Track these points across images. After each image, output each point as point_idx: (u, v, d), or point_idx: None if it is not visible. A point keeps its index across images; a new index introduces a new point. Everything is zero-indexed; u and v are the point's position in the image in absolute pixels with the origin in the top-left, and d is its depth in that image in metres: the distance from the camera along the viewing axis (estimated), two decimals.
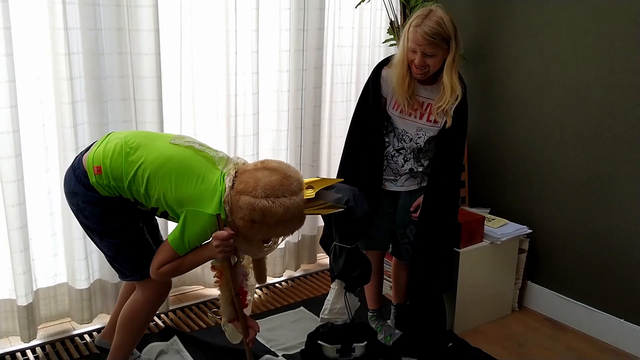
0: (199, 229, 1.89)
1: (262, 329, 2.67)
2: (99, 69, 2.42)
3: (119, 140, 1.97)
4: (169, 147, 1.97)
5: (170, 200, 1.90)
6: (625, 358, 2.60)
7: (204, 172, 1.92)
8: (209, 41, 2.75)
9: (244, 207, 1.82)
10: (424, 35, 2.19)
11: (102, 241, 2.04)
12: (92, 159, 1.95)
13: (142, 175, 1.91)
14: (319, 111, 3.17)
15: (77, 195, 1.97)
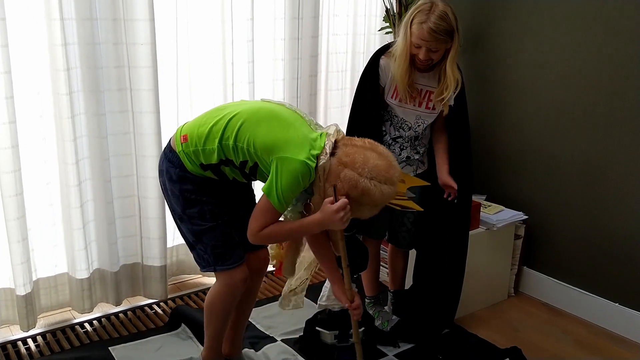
0: (291, 176, 1.79)
1: (260, 316, 2.72)
2: (95, 59, 2.42)
3: (208, 111, 1.98)
4: (260, 101, 1.98)
5: (259, 147, 1.82)
6: (620, 342, 2.63)
7: (295, 122, 1.88)
8: (204, 30, 2.75)
9: (345, 180, 1.78)
10: (430, 32, 2.17)
11: (181, 226, 2.02)
12: (180, 130, 1.96)
13: (234, 125, 1.85)
14: (314, 99, 3.18)
15: (162, 173, 1.98)
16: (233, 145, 1.86)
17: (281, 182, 1.80)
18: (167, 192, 1.99)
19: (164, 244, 2.74)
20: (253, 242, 1.89)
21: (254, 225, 1.87)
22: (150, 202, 2.67)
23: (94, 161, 2.52)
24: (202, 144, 1.89)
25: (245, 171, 1.92)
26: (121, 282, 2.73)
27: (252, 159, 1.87)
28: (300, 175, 1.80)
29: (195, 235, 2.00)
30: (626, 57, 2.52)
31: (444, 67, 2.30)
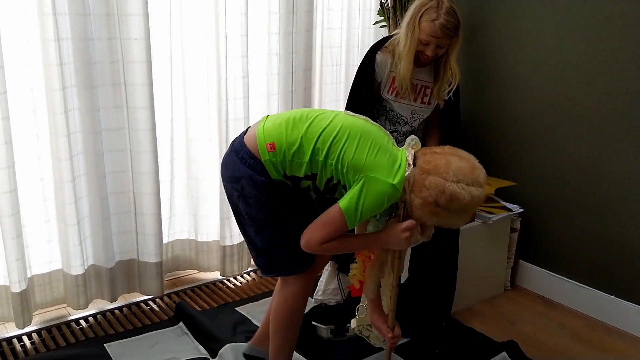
0: (377, 198, 1.75)
1: (256, 311, 2.72)
2: (88, 55, 2.41)
3: (287, 116, 1.88)
4: (347, 116, 1.90)
5: (350, 165, 1.77)
6: (616, 334, 2.64)
7: (383, 141, 1.84)
8: (198, 25, 2.73)
9: (431, 187, 1.72)
10: (442, 29, 2.19)
11: (258, 233, 1.93)
12: (263, 135, 1.84)
13: (326, 140, 1.80)
14: (309, 94, 3.16)
15: (241, 179, 1.87)
16: (322, 161, 1.81)
17: (364, 201, 1.75)
18: (245, 198, 1.89)
19: (160, 240, 2.73)
20: (308, 251, 1.84)
21: (317, 235, 1.80)
22: (145, 198, 2.66)
23: (88, 157, 2.51)
24: (292, 155, 1.82)
25: (321, 188, 1.88)
26: (117, 278, 2.72)
27: (337, 176, 1.82)
28: (386, 197, 1.76)
29: (275, 240, 1.94)
30: (620, 51, 2.52)
31: (445, 61, 2.32)
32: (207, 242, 3.02)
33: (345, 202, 1.76)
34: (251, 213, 1.90)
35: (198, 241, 3.02)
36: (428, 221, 1.81)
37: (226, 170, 1.94)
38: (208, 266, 3.06)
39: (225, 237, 2.95)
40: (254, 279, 3.09)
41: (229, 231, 2.95)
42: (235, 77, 2.80)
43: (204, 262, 3.05)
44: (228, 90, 2.79)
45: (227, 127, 2.83)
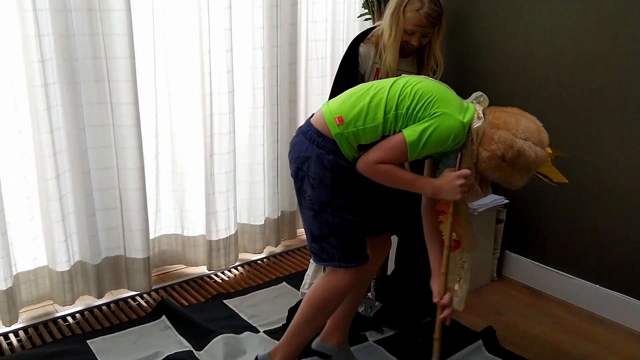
0: (444, 133, 1.78)
1: (244, 305, 2.73)
2: (70, 51, 2.39)
3: (348, 93, 1.93)
4: (406, 77, 1.93)
5: (420, 105, 1.80)
6: (600, 323, 2.67)
7: (448, 89, 1.90)
8: (181, 20, 2.72)
9: (499, 141, 1.77)
10: (427, 18, 2.21)
11: (317, 216, 1.92)
12: (329, 112, 1.89)
13: (393, 94, 1.83)
14: (294, 87, 3.17)
15: (308, 159, 1.89)
16: (394, 113, 1.83)
17: (431, 133, 1.78)
18: (310, 179, 1.90)
19: (147, 236, 2.73)
20: (361, 168, 1.86)
21: (374, 155, 1.83)
22: (131, 194, 2.65)
23: (73, 153, 2.50)
24: (363, 122, 1.84)
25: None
26: (103, 274, 2.72)
27: (406, 121, 1.83)
28: (454, 134, 1.79)
29: (332, 227, 1.93)
30: (606, 41, 2.53)
31: (428, 50, 2.35)
32: (193, 237, 3.02)
33: (409, 131, 1.79)
34: (313, 195, 1.91)
35: (184, 236, 3.02)
36: (491, 175, 1.85)
37: (293, 150, 1.96)
38: (195, 261, 3.06)
39: (212, 232, 2.95)
40: (242, 273, 3.10)
41: (215, 225, 2.95)
42: (219, 72, 2.79)
43: (190, 256, 3.05)
44: (212, 84, 2.79)
45: (211, 122, 2.82)
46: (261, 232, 3.20)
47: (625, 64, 2.49)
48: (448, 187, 1.83)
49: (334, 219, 1.92)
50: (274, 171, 3.19)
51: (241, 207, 3.15)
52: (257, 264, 3.19)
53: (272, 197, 3.22)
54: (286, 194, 3.29)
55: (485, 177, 1.88)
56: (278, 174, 3.21)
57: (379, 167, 1.84)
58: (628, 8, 2.44)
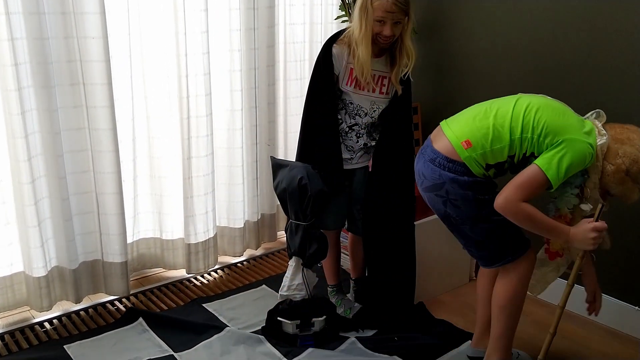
0: (578, 157, 1.86)
1: (223, 308, 2.73)
2: (44, 54, 2.37)
3: (469, 114, 2.03)
4: (527, 95, 2.01)
5: (545, 131, 1.88)
6: (576, 320, 2.69)
7: (567, 108, 1.98)
8: (157, 22, 2.71)
9: (624, 155, 1.87)
10: (394, 3, 2.22)
11: (474, 228, 2.03)
12: (455, 137, 1.98)
13: (518, 115, 1.92)
14: (273, 90, 3.17)
15: (444, 184, 1.99)
16: (519, 137, 1.92)
17: (566, 160, 1.85)
18: (452, 201, 2.00)
19: (124, 240, 2.72)
20: (503, 208, 1.90)
21: (517, 194, 1.88)
22: (108, 198, 2.64)
23: (48, 158, 2.48)
24: (490, 144, 1.94)
25: (516, 163, 1.99)
26: (81, 279, 2.70)
27: (532, 147, 1.92)
28: (587, 156, 1.87)
29: (490, 232, 2.03)
30: (580, 41, 2.56)
31: (400, 45, 2.34)
32: (172, 240, 3.01)
33: (544, 161, 1.87)
34: (461, 214, 2.02)
35: (163, 239, 3.01)
36: (613, 189, 1.95)
37: (425, 181, 2.05)
38: (174, 264, 3.05)
39: (190, 235, 2.94)
40: (221, 276, 3.09)
41: (193, 228, 2.94)
42: (196, 74, 2.79)
43: (169, 260, 3.04)
44: (189, 87, 2.78)
45: (189, 124, 2.82)
46: (241, 234, 3.19)
47: (607, 64, 2.52)
48: (582, 237, 1.91)
49: (488, 225, 2.01)
50: (253, 174, 3.19)
51: (220, 210, 3.14)
52: (236, 267, 3.19)
53: (252, 200, 3.22)
54: (266, 196, 3.29)
55: (606, 191, 1.98)
56: (257, 177, 3.21)
57: (522, 207, 1.89)
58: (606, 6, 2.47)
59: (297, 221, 2.42)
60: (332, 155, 2.47)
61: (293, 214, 2.43)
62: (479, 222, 2.02)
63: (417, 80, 2.65)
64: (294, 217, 2.43)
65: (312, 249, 2.42)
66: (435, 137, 2.07)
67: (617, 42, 2.44)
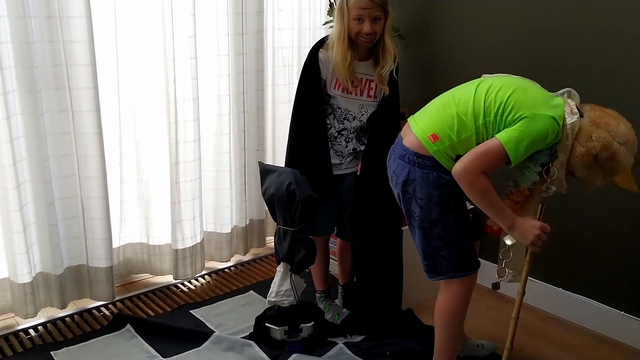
0: (540, 132, 1.81)
1: (210, 314, 2.71)
2: (30, 58, 2.35)
3: (434, 106, 2.00)
4: (490, 77, 1.98)
5: (507, 110, 1.84)
6: (564, 326, 2.71)
7: (533, 83, 1.95)
8: (144, 26, 2.70)
9: (597, 139, 1.82)
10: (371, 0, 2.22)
11: (427, 233, 2.00)
12: (422, 131, 1.95)
13: (479, 104, 1.88)
14: (262, 95, 3.16)
15: (413, 181, 1.97)
16: (483, 122, 1.88)
17: (527, 138, 1.81)
18: (417, 200, 1.98)
19: (109, 245, 2.70)
20: (459, 175, 1.86)
21: (476, 163, 1.84)
22: (94, 203, 2.62)
23: (33, 163, 2.45)
24: (457, 134, 1.90)
25: None
26: (66, 284, 2.67)
27: (497, 128, 1.87)
28: (549, 132, 1.82)
29: (443, 241, 2.00)
30: (568, 44, 2.57)
31: (382, 44, 2.35)
32: (159, 246, 2.99)
33: (505, 134, 1.82)
34: (423, 214, 1.99)
35: (150, 245, 2.99)
36: (578, 172, 1.90)
37: (395, 176, 2.03)
38: (161, 269, 3.03)
39: (178, 240, 2.93)
40: (209, 282, 3.07)
41: (180, 234, 2.92)
42: (184, 79, 2.78)
43: (156, 265, 3.02)
44: (177, 92, 2.77)
45: (176, 129, 2.80)
46: (228, 240, 3.18)
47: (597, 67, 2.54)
48: (525, 229, 1.89)
49: (445, 233, 1.99)
50: (241, 178, 3.17)
51: (207, 215, 3.13)
52: (224, 273, 3.17)
53: (240, 205, 3.21)
54: (255, 201, 3.28)
55: (571, 173, 1.94)
56: (246, 182, 3.20)
57: (480, 179, 1.85)
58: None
59: (285, 227, 2.42)
60: (321, 161, 2.46)
61: (281, 220, 2.42)
62: (436, 228, 1.99)
63: (405, 85, 2.65)
64: (282, 222, 2.42)
65: (300, 255, 2.42)
66: (405, 134, 2.05)
67: (606, 45, 2.46)
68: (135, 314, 2.72)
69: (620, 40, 2.40)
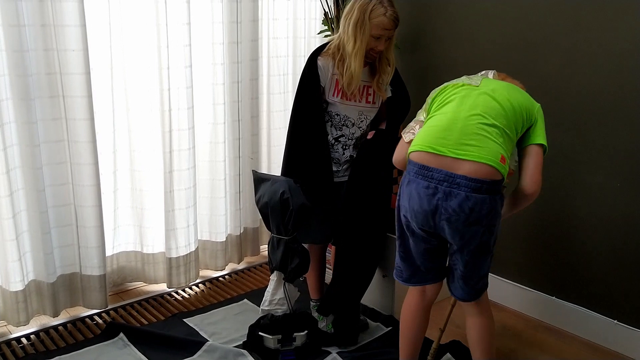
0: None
1: (204, 323, 2.70)
2: (24, 67, 2.35)
3: (457, 126, 1.91)
4: (485, 86, 2.01)
5: (525, 108, 1.95)
6: (556, 334, 2.70)
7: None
8: (139, 35, 2.71)
9: None
10: (394, 20, 2.31)
11: (485, 257, 1.97)
12: (491, 156, 1.85)
13: (500, 105, 1.93)
14: (256, 103, 3.17)
15: (490, 212, 1.86)
16: (514, 126, 1.94)
17: (544, 127, 1.98)
18: (491, 228, 1.90)
19: (103, 253, 2.69)
20: (536, 191, 1.94)
21: (540, 177, 1.94)
22: (87, 211, 2.62)
23: (26, 170, 2.46)
24: (512, 145, 1.96)
25: None
26: (59, 292, 2.67)
27: (521, 129, 1.98)
28: None
29: (488, 267, 2.02)
30: (558, 54, 2.59)
31: (380, 55, 2.39)
32: (153, 254, 2.99)
33: (541, 138, 1.96)
34: (495, 238, 1.97)
35: (144, 253, 2.99)
36: None
37: (475, 214, 1.84)
38: (155, 278, 3.02)
39: (172, 249, 2.92)
40: (203, 290, 3.07)
41: (174, 242, 2.92)
42: (178, 88, 2.78)
43: (150, 273, 3.02)
44: (171, 100, 2.77)
45: (170, 138, 2.80)
46: (223, 248, 3.18)
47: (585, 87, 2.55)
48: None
49: (489, 257, 2.01)
50: (235, 187, 3.18)
51: (202, 224, 3.13)
52: (218, 281, 3.17)
53: (234, 214, 3.21)
54: (249, 210, 3.28)
55: None
56: (240, 190, 3.20)
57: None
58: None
59: (279, 235, 2.41)
60: (322, 168, 2.46)
61: (275, 229, 2.42)
62: (488, 254, 1.97)
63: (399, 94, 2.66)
64: (276, 231, 2.42)
65: (293, 264, 2.41)
66: (454, 165, 1.85)
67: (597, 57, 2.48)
68: (128, 323, 2.71)
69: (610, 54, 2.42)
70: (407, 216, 1.97)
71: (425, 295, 2.16)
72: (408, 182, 1.94)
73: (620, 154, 2.46)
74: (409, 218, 1.96)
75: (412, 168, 1.94)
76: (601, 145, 2.50)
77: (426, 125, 2.01)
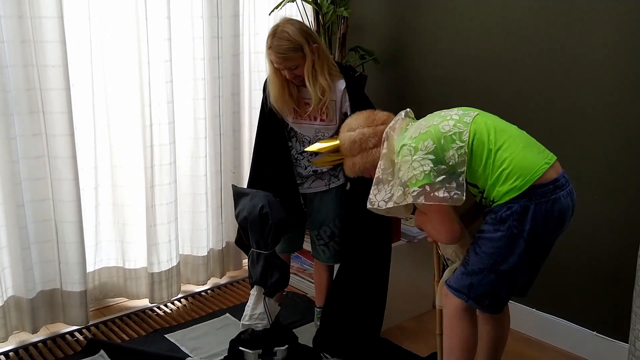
0: None
1: (185, 338, 2.70)
2: (3, 83, 2.35)
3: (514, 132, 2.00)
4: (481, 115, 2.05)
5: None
6: (536, 345, 2.72)
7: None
8: (120, 51, 2.72)
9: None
10: (277, 55, 2.27)
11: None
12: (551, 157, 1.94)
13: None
14: (238, 117, 3.18)
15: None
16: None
17: None
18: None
19: (83, 269, 2.68)
20: None
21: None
22: (68, 226, 2.61)
23: (5, 186, 2.45)
24: None
25: None
26: (38, 308, 2.65)
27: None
28: None
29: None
30: (538, 68, 2.61)
31: (313, 77, 2.33)
32: (134, 269, 2.98)
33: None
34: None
35: (126, 268, 2.98)
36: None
37: (572, 212, 1.99)
38: (137, 293, 3.01)
39: (153, 264, 2.92)
40: (185, 305, 3.06)
41: (156, 257, 2.91)
42: (159, 103, 2.79)
43: (132, 289, 3.01)
44: (152, 115, 2.78)
45: (152, 153, 2.81)
46: (204, 263, 3.17)
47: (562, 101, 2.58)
48: None
49: None
50: (217, 201, 3.18)
51: (184, 239, 3.12)
52: (200, 296, 3.16)
53: (216, 228, 3.21)
54: (231, 224, 3.27)
55: None
56: (222, 204, 3.20)
57: None
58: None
59: (259, 250, 2.42)
60: (286, 179, 2.50)
61: (254, 243, 2.43)
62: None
63: (379, 108, 2.68)
64: (255, 246, 2.43)
65: (273, 278, 2.42)
66: (552, 170, 1.93)
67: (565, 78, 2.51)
68: (109, 339, 2.70)
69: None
70: (558, 232, 2.01)
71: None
72: (552, 202, 1.89)
73: (597, 166, 2.49)
74: (559, 234, 2.03)
75: (547, 188, 1.89)
76: (577, 158, 2.53)
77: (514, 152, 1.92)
